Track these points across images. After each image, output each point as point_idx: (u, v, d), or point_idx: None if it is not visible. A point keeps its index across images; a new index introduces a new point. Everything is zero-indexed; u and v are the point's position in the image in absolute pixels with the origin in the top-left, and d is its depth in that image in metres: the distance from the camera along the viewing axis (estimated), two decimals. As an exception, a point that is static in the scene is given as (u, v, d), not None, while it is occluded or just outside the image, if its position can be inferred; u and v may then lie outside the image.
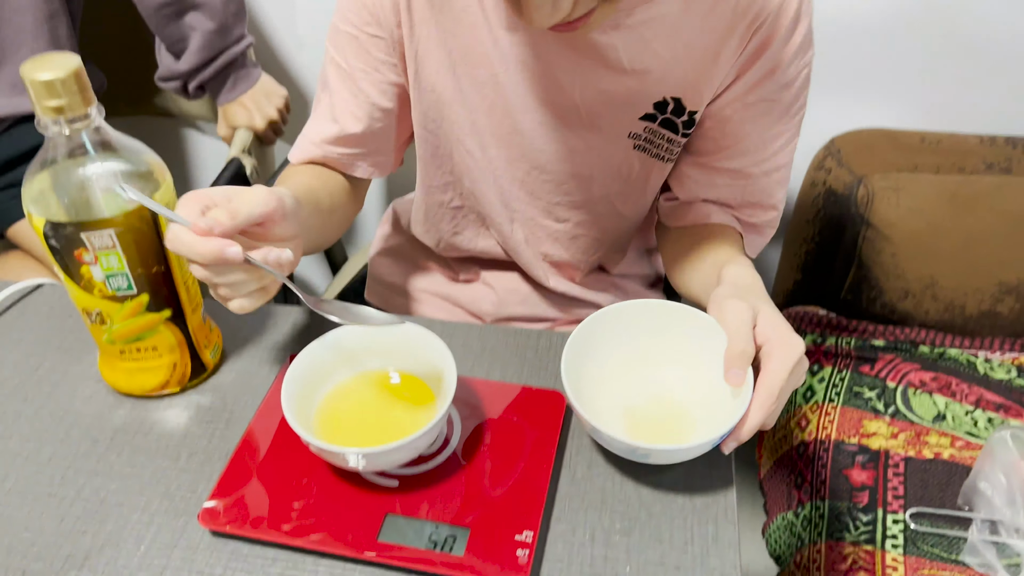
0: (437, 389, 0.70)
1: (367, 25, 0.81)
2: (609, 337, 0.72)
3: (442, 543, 0.62)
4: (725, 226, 0.89)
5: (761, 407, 0.63)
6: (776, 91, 0.80)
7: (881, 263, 1.31)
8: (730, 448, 0.65)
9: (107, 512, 0.67)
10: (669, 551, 0.64)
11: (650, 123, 0.82)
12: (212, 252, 0.60)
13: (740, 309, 0.66)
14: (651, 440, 0.67)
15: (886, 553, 1.07)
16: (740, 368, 0.64)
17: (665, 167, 0.88)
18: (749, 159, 0.84)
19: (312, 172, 0.87)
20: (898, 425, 1.21)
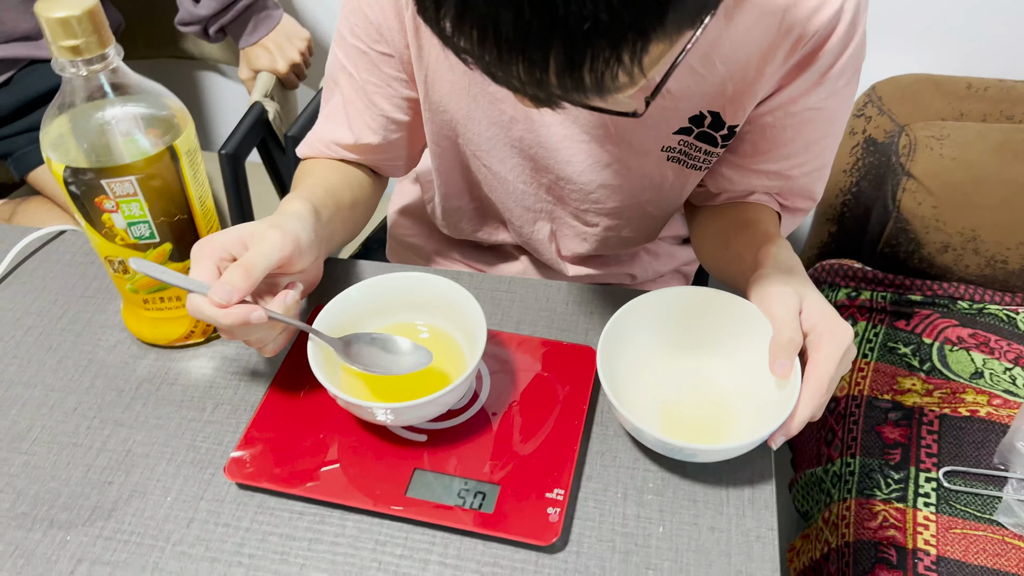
0: (466, 343, 0.68)
1: (375, 43, 0.76)
2: (644, 326, 0.69)
3: (471, 499, 0.61)
4: (762, 205, 0.84)
5: (811, 399, 0.60)
6: (823, 99, 0.74)
7: (921, 215, 1.27)
8: (778, 443, 0.61)
9: (133, 463, 0.66)
10: (704, 511, 0.62)
11: (685, 136, 0.77)
12: (235, 321, 0.59)
13: (786, 295, 0.63)
14: (691, 436, 0.64)
15: (918, 511, 1.05)
16: (787, 358, 0.61)
17: (700, 174, 0.82)
18: (789, 163, 0.79)
19: (332, 168, 0.84)
20: (933, 382, 1.19)
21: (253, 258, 0.61)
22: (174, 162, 0.64)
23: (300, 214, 0.68)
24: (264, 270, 0.61)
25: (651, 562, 0.59)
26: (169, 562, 0.60)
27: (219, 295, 0.59)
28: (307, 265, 0.66)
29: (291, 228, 0.64)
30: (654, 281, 1.07)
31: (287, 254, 0.63)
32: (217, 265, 0.62)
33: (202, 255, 0.62)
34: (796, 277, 0.66)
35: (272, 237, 0.62)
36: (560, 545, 0.60)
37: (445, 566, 0.59)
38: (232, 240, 0.62)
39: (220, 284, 0.59)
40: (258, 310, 0.60)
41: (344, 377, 0.67)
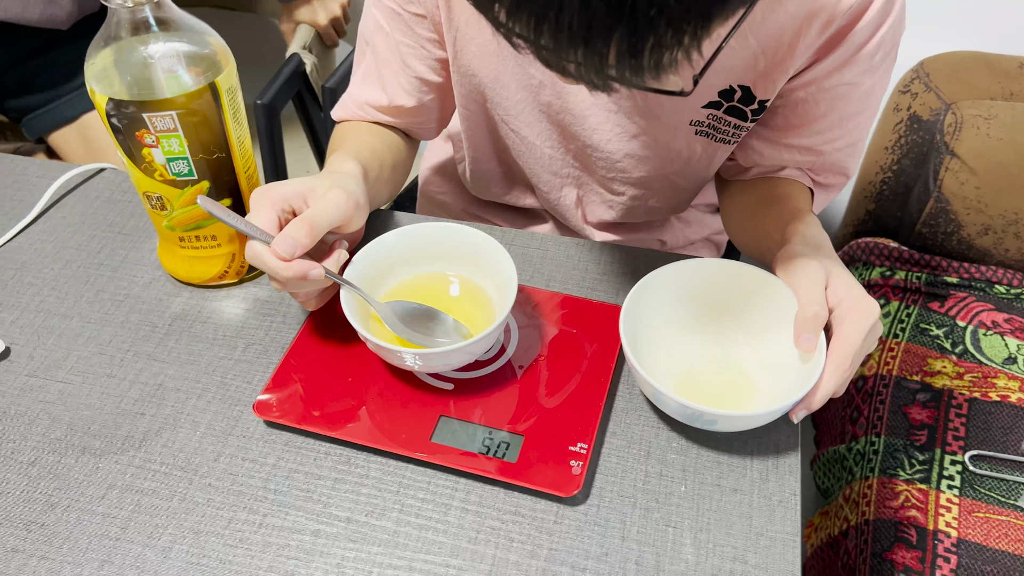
0: (496, 296, 0.68)
1: (408, 4, 0.76)
2: (669, 295, 0.68)
3: (495, 448, 0.62)
4: (793, 180, 0.82)
5: (834, 374, 0.59)
6: (858, 75, 0.72)
7: (963, 196, 1.24)
8: (799, 417, 0.61)
9: (164, 396, 0.67)
10: (727, 472, 0.62)
11: (715, 110, 0.76)
12: (296, 275, 0.60)
13: (812, 269, 0.62)
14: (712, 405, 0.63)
15: (941, 493, 1.05)
16: (813, 333, 0.60)
17: (730, 148, 0.81)
18: (822, 138, 0.77)
19: (372, 131, 0.84)
20: (965, 366, 1.17)
21: (318, 215, 0.61)
22: (215, 99, 0.64)
23: (354, 175, 0.68)
24: (327, 227, 0.62)
25: (671, 519, 0.60)
26: (196, 493, 0.61)
27: (284, 248, 0.59)
28: (360, 225, 0.67)
29: (352, 190, 0.65)
30: (684, 248, 1.07)
31: (348, 215, 0.64)
32: (278, 215, 0.62)
33: (263, 203, 0.62)
34: (823, 253, 0.65)
35: (336, 196, 0.63)
36: (581, 498, 0.61)
37: (467, 511, 0.60)
38: (293, 193, 0.63)
39: (284, 237, 0.59)
40: (318, 267, 0.61)
41: (375, 322, 0.67)
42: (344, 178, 0.66)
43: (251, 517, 0.60)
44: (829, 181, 0.82)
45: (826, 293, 0.62)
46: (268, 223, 0.61)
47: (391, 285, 0.69)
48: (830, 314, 0.61)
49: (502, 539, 0.59)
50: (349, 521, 0.60)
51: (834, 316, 0.61)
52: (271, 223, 0.61)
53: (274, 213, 0.62)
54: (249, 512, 0.60)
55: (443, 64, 0.81)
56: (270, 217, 0.62)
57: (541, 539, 0.59)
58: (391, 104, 0.82)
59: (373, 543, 0.58)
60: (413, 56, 0.79)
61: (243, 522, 0.60)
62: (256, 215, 0.62)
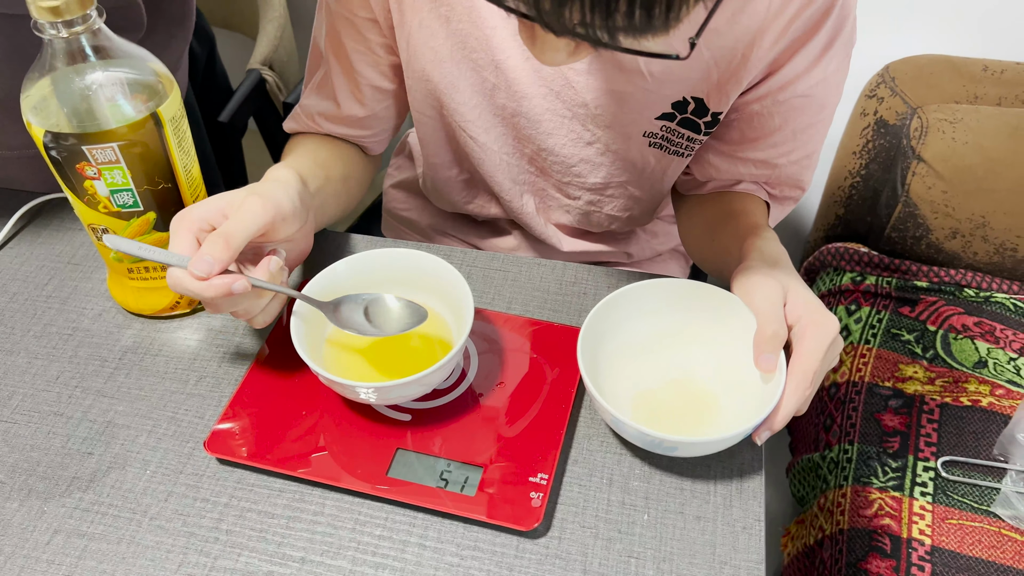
0: (454, 322, 0.67)
1: (360, 8, 0.74)
2: (626, 317, 0.67)
3: (454, 482, 0.60)
4: (749, 195, 0.82)
5: (795, 393, 0.58)
6: (812, 87, 0.71)
7: (931, 200, 1.24)
8: (763, 438, 0.60)
9: (113, 434, 0.65)
10: (690, 499, 0.61)
11: (668, 122, 0.75)
12: (218, 292, 0.58)
13: (769, 287, 0.61)
14: (672, 429, 0.63)
15: (914, 500, 1.04)
16: (772, 352, 0.59)
17: (684, 160, 0.81)
18: (777, 151, 0.77)
19: (322, 142, 0.82)
20: (936, 370, 1.17)
21: (232, 227, 0.59)
22: (158, 129, 0.62)
23: (284, 180, 0.66)
24: (244, 239, 0.59)
25: (634, 550, 0.58)
26: (146, 536, 0.59)
27: (199, 267, 0.57)
28: (292, 232, 0.65)
29: (272, 194, 0.63)
30: (651, 260, 1.06)
31: (268, 220, 0.61)
32: (196, 237, 0.60)
33: (180, 227, 0.60)
34: (780, 269, 0.65)
35: (251, 204, 0.60)
36: (542, 530, 0.59)
37: (425, 548, 0.59)
38: (211, 210, 0.61)
39: (199, 256, 0.57)
40: (240, 279, 0.58)
41: (328, 353, 0.66)
42: (268, 185, 0.64)
43: (202, 560, 0.58)
44: (785, 194, 0.82)
45: (784, 310, 0.61)
46: (187, 247, 0.59)
47: (345, 315, 0.68)
48: (789, 331, 0.60)
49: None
50: (304, 561, 0.58)
51: (793, 333, 0.60)
52: (190, 246, 0.59)
53: (191, 236, 0.59)
54: (200, 554, 0.58)
55: (395, 70, 0.80)
56: (188, 240, 0.59)
57: (501, 575, 0.57)
58: (343, 114, 0.80)
59: (328, 584, 0.57)
60: (364, 63, 0.78)
61: (194, 565, 0.58)
62: (175, 242, 0.60)
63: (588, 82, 0.73)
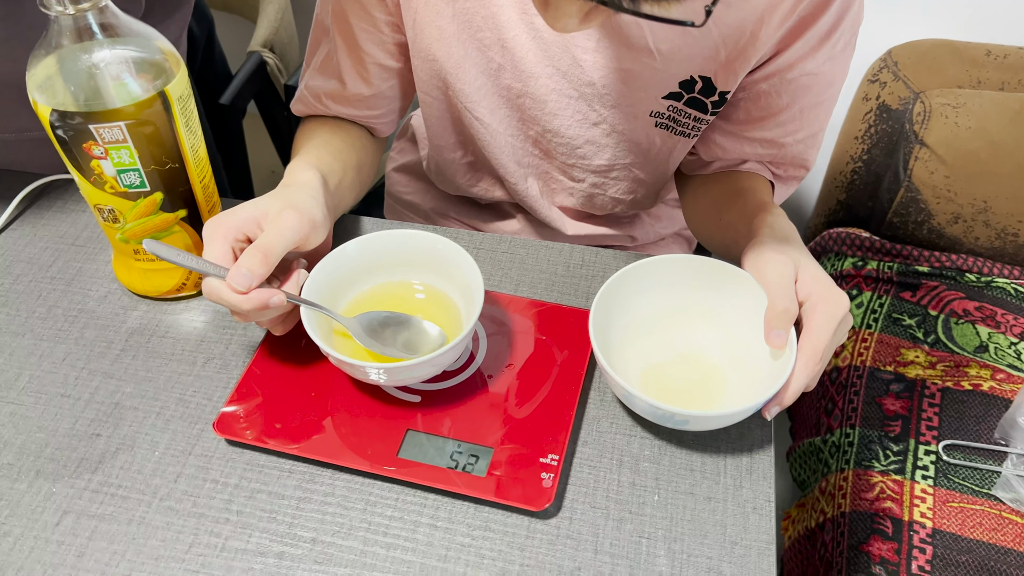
0: (463, 303, 0.67)
1: None
2: (637, 294, 0.67)
3: (464, 462, 0.60)
4: (754, 174, 0.82)
5: (805, 369, 0.58)
6: (821, 64, 0.72)
7: (933, 185, 1.24)
8: (772, 414, 0.60)
9: (121, 415, 0.65)
10: (701, 480, 0.61)
11: (675, 102, 0.75)
12: (256, 306, 0.58)
13: (780, 263, 0.61)
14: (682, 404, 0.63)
15: (915, 484, 1.05)
16: (783, 328, 0.59)
17: (690, 142, 0.80)
18: (783, 130, 0.77)
19: (335, 130, 0.81)
20: (937, 355, 1.17)
21: (270, 241, 0.59)
22: (165, 108, 0.62)
23: (311, 187, 0.66)
24: (282, 253, 0.60)
25: (644, 530, 0.58)
26: (155, 516, 0.59)
27: (239, 281, 0.57)
28: (321, 241, 0.65)
29: (306, 207, 0.63)
30: (655, 244, 1.06)
31: (304, 234, 0.62)
32: (231, 246, 0.60)
33: (216, 235, 0.60)
34: (791, 245, 0.65)
35: (289, 219, 0.61)
36: (553, 511, 0.59)
37: (436, 528, 0.59)
38: (246, 220, 0.61)
39: (238, 270, 0.58)
40: (278, 294, 0.59)
41: (337, 335, 0.65)
42: (299, 194, 0.64)
43: (213, 540, 0.58)
44: (789, 174, 0.83)
45: (795, 286, 0.61)
46: (222, 256, 0.59)
47: (353, 296, 0.68)
48: (800, 308, 0.61)
49: (472, 556, 0.57)
50: (314, 542, 0.58)
51: (804, 309, 0.61)
52: (226, 256, 0.59)
53: (227, 245, 0.60)
54: (211, 535, 0.58)
55: (401, 49, 0.79)
56: (224, 250, 0.60)
57: (512, 555, 0.57)
58: (349, 93, 0.80)
59: (339, 564, 0.57)
60: (370, 41, 0.77)
61: (205, 546, 0.58)
62: (210, 249, 0.60)
63: (595, 60, 0.73)
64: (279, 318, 0.64)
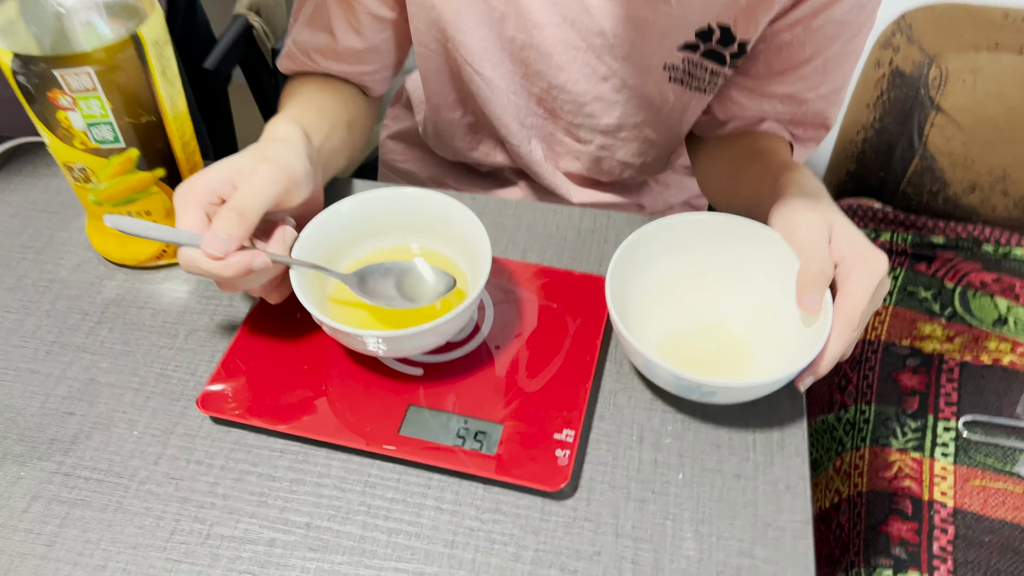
0: (468, 269, 0.62)
1: None
2: (657, 255, 0.62)
3: (471, 439, 0.55)
4: (773, 134, 0.77)
5: (841, 336, 0.54)
6: (847, 12, 0.67)
7: (949, 152, 1.19)
8: (806, 384, 0.56)
9: (96, 392, 0.60)
10: (728, 456, 0.56)
11: (690, 53, 0.70)
12: (237, 271, 0.53)
13: (814, 223, 0.57)
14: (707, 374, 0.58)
15: (935, 461, 1.01)
16: (817, 292, 0.55)
17: (705, 98, 0.75)
18: (806, 84, 0.72)
19: (322, 86, 0.75)
20: (955, 328, 1.13)
21: (246, 199, 0.54)
22: (139, 53, 0.56)
23: (290, 140, 0.60)
24: (260, 212, 0.54)
25: (669, 511, 0.54)
26: (134, 502, 0.54)
27: (214, 246, 0.52)
28: (305, 197, 0.59)
29: (284, 159, 0.57)
30: (663, 212, 1.01)
31: (282, 189, 0.55)
32: (206, 211, 0.54)
33: (187, 202, 0.54)
34: (823, 203, 0.60)
35: (264, 173, 0.55)
36: (569, 491, 0.54)
37: (442, 511, 0.54)
38: (218, 180, 0.55)
39: (212, 234, 0.52)
40: (260, 255, 0.53)
41: (332, 303, 0.60)
42: (276, 147, 0.58)
43: (197, 527, 0.53)
44: (808, 135, 0.78)
45: (830, 246, 0.56)
46: (196, 223, 0.53)
47: (348, 262, 0.62)
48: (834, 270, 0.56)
49: (482, 541, 0.52)
50: (309, 527, 0.53)
51: (838, 272, 0.56)
52: (200, 222, 0.54)
53: (200, 210, 0.54)
54: (195, 521, 0.53)
55: None
56: (197, 215, 0.54)
57: (526, 539, 0.52)
58: (340, 47, 0.74)
59: (336, 551, 0.52)
60: None
61: (188, 532, 0.53)
62: (182, 217, 0.54)
63: (606, 7, 0.67)
64: (271, 283, 0.58)
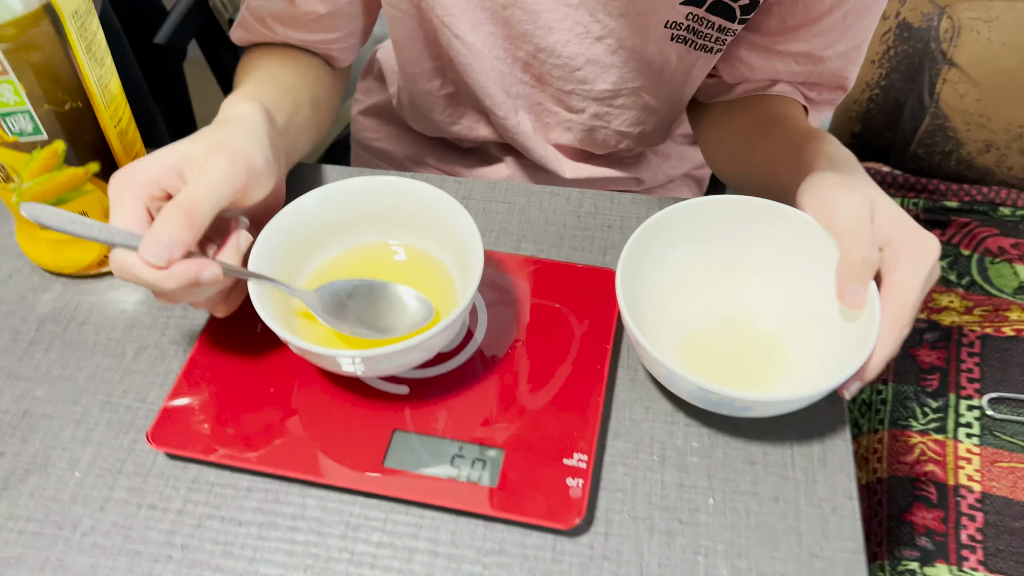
0: (456, 267, 0.54)
1: None
2: (673, 247, 0.54)
3: (468, 469, 0.47)
4: (786, 98, 0.69)
5: (891, 333, 0.47)
6: None
7: (963, 110, 1.12)
8: (853, 391, 0.49)
9: (31, 426, 0.51)
10: (764, 476, 0.49)
11: (695, 8, 0.62)
12: (181, 283, 0.44)
13: (854, 203, 0.49)
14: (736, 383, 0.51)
15: (959, 443, 0.94)
16: (861, 283, 0.48)
17: (711, 59, 0.67)
18: (824, 40, 0.64)
19: (282, 59, 0.66)
20: (973, 298, 1.06)
21: (195, 196, 0.45)
22: (55, 27, 0.47)
23: (249, 121, 0.52)
24: (212, 212, 0.45)
25: (700, 544, 0.46)
26: (76, 557, 0.46)
27: (154, 253, 0.43)
28: (266, 193, 0.50)
29: (241, 147, 0.48)
30: (664, 186, 0.93)
31: (240, 185, 0.47)
32: (146, 205, 0.46)
33: (124, 192, 0.45)
34: (859, 178, 0.53)
35: (217, 165, 0.46)
36: (584, 526, 0.47)
37: (436, 555, 0.46)
38: (163, 169, 0.46)
39: (154, 238, 0.43)
40: (211, 266, 0.44)
41: (300, 316, 0.52)
42: (233, 132, 0.50)
43: (151, 586, 0.45)
44: (824, 97, 0.70)
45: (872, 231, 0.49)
46: (134, 219, 0.45)
47: (317, 265, 0.54)
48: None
49: (486, 591, 0.45)
50: (283, 582, 0.45)
51: (884, 258, 0.49)
52: (138, 219, 0.45)
53: (140, 204, 0.45)
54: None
55: None
56: (135, 211, 0.45)
57: (537, 586, 0.45)
58: (299, 12, 0.65)
59: (316, 610, 0.44)
60: None
61: (141, 593, 0.45)
62: (118, 212, 0.45)
63: None
64: (219, 296, 0.50)
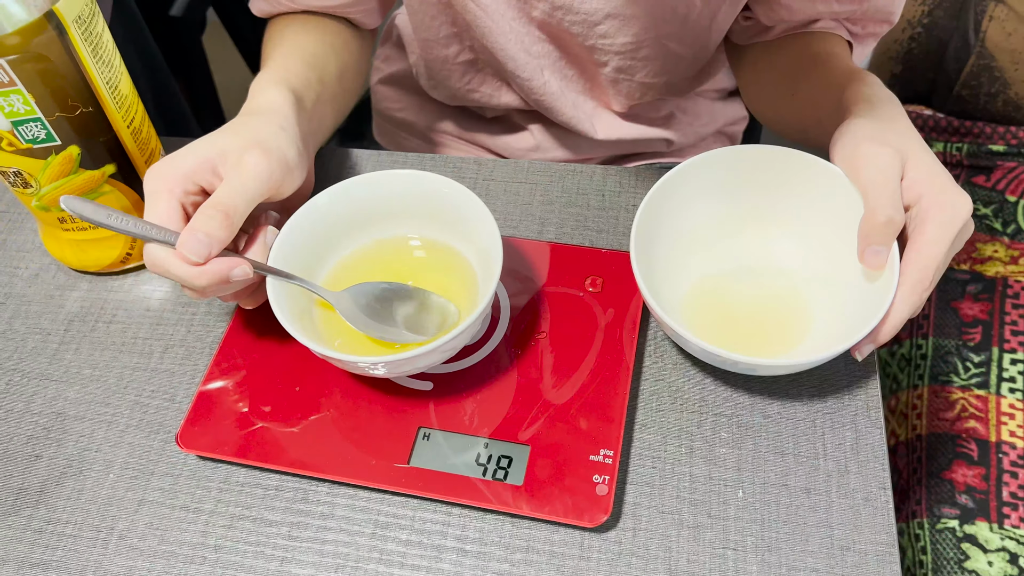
0: (476, 260, 0.53)
1: None
2: (691, 200, 0.53)
3: (494, 467, 0.47)
4: (829, 34, 0.65)
5: (910, 295, 0.45)
6: None
7: (1010, 48, 1.06)
8: (866, 352, 0.48)
9: (65, 429, 0.52)
10: (794, 467, 0.48)
11: None
12: (213, 280, 0.44)
13: (882, 158, 0.47)
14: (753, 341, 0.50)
15: (1002, 398, 0.92)
16: (883, 243, 0.46)
17: (740, 2, 0.63)
18: None
19: (305, 28, 0.65)
20: (1019, 247, 1.02)
21: (233, 197, 0.45)
22: (60, 34, 0.46)
23: (281, 113, 0.52)
24: (247, 210, 0.46)
25: (729, 539, 0.46)
26: (114, 559, 0.47)
27: (194, 250, 0.44)
28: (298, 185, 0.51)
29: (276, 144, 0.48)
30: (695, 146, 0.90)
31: (275, 182, 0.47)
32: (181, 202, 0.46)
33: (159, 189, 0.46)
34: (897, 129, 0.50)
35: (254, 164, 0.46)
36: (611, 521, 0.47)
37: (464, 553, 0.46)
38: (198, 165, 0.46)
39: (192, 235, 0.44)
40: (242, 263, 0.45)
41: (321, 318, 0.51)
42: (266, 124, 0.50)
43: (187, 589, 0.46)
44: (869, 31, 0.66)
45: (902, 185, 0.47)
46: (169, 216, 0.45)
47: (335, 262, 0.53)
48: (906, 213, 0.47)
49: (514, 589, 0.45)
50: (314, 583, 0.46)
51: (912, 216, 0.47)
52: (173, 215, 0.45)
53: (175, 200, 0.46)
54: (184, 582, 0.46)
55: None
56: (171, 207, 0.45)
57: (565, 584, 0.45)
58: None
59: (348, 610, 0.45)
60: None
61: (178, 595, 0.46)
62: (153, 208, 0.45)
63: None
64: (247, 290, 0.50)
